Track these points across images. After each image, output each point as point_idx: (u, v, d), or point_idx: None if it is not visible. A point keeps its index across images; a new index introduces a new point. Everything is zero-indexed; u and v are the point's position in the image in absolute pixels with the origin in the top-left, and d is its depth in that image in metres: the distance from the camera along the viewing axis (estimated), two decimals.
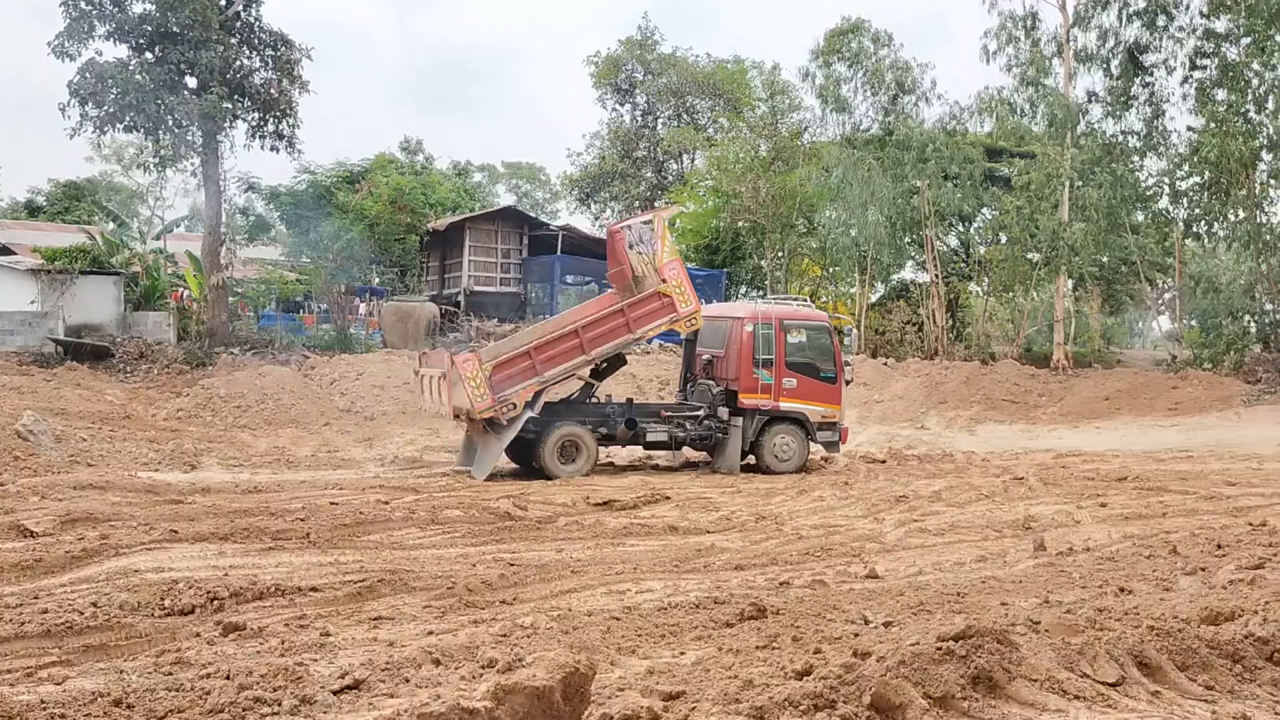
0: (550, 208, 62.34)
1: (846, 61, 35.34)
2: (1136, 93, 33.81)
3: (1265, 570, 8.71)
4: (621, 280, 16.91)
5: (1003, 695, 4.53)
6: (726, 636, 6.70)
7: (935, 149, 33.74)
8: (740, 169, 38.99)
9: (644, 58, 47.28)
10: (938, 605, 7.67)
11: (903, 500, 13.51)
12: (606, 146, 47.81)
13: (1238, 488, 14.25)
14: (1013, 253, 35.65)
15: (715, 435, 16.89)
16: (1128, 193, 33.56)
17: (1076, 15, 33.45)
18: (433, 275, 36.18)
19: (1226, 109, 31.87)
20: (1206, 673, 5.12)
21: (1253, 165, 31.89)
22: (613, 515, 12.35)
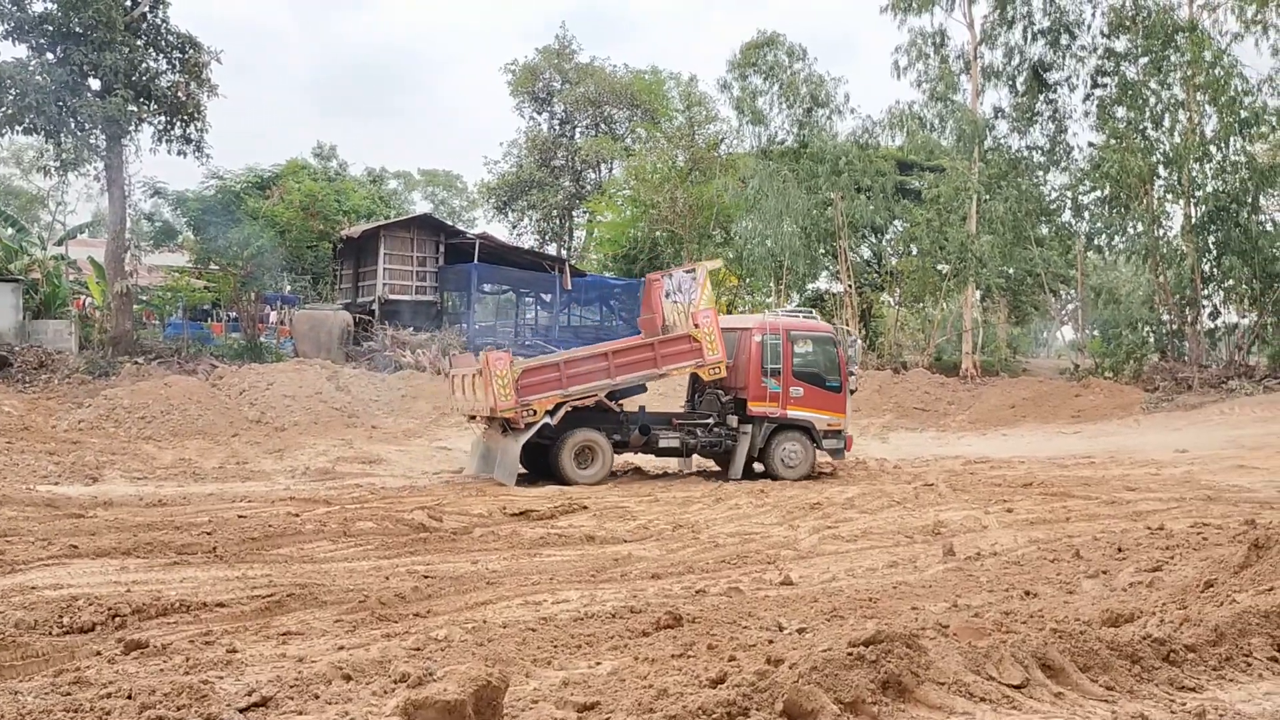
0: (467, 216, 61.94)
1: (762, 74, 35.77)
2: (1041, 109, 34.90)
3: (1163, 572, 9.02)
4: (650, 327, 18.04)
5: (911, 699, 4.60)
6: (643, 646, 6.69)
7: (848, 162, 34.33)
8: (658, 179, 39.21)
9: (561, 67, 47.27)
10: (850, 611, 7.77)
11: (817, 507, 13.68)
12: (524, 155, 47.65)
13: (1137, 492, 14.72)
14: (923, 264, 36.42)
15: (725, 443, 17.29)
16: (1032, 206, 34.61)
17: (984, 33, 34.40)
18: (346, 283, 35.61)
19: (1126, 126, 33.07)
20: (1107, 673, 5.26)
21: (1151, 180, 33.14)
22: (529, 525, 12.27)
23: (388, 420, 23.77)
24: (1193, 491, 14.66)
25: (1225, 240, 32.69)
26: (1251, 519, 11.62)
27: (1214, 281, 34.16)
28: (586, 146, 45.71)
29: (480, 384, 15.96)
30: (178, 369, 26.00)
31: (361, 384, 25.80)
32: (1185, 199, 33.38)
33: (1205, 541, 10.40)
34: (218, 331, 34.08)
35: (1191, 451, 19.71)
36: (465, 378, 16.93)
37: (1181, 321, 33.73)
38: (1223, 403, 28.10)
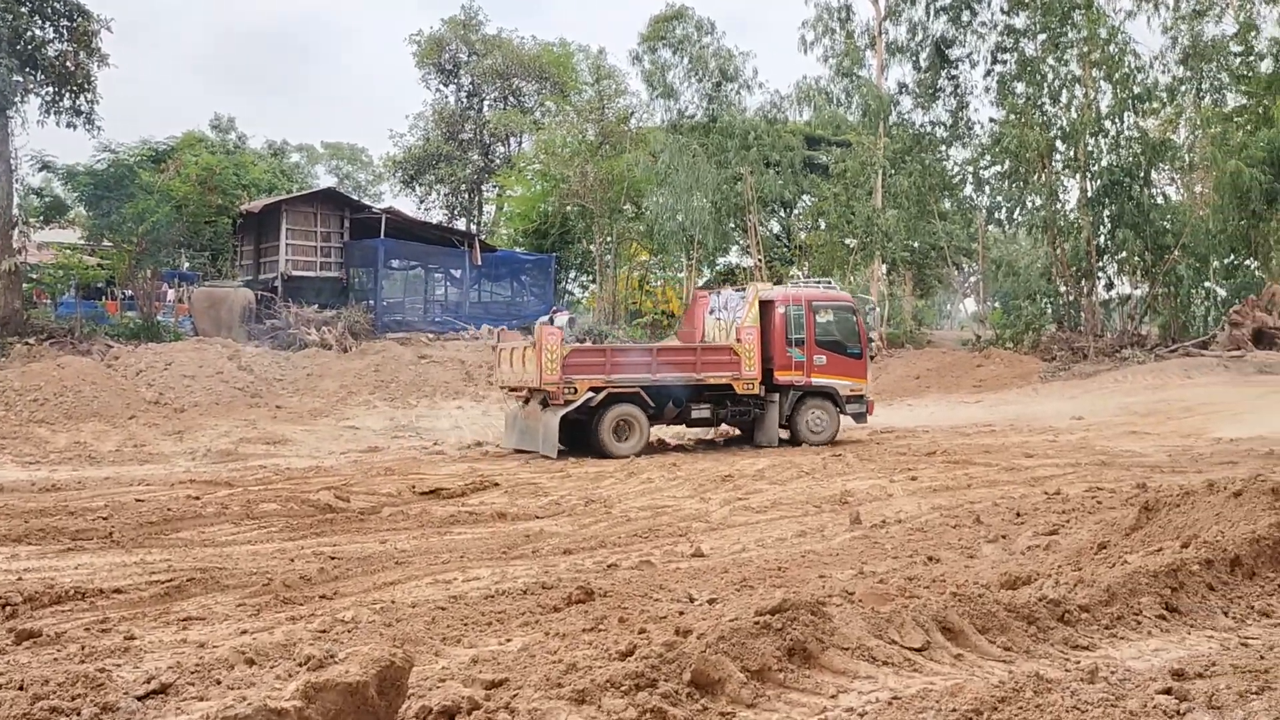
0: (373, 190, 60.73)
1: (671, 48, 35.75)
2: (943, 85, 35.57)
3: (1059, 536, 9.31)
4: (689, 339, 19.33)
5: (816, 665, 4.67)
6: (554, 621, 6.69)
7: (757, 137, 34.56)
8: (568, 153, 38.97)
9: (468, 38, 46.52)
10: (760, 580, 7.87)
11: (728, 479, 13.81)
12: (431, 128, 46.85)
13: (1035, 459, 15.17)
14: (831, 238, 36.95)
15: (753, 412, 17.93)
16: (935, 181, 35.32)
17: (888, 9, 34.88)
18: (247, 260, 34.65)
19: (1025, 102, 33.90)
20: (1005, 634, 5.41)
21: (1049, 155, 34.05)
22: (440, 504, 12.15)
23: (293, 400, 23.28)
24: (1088, 457, 15.17)
25: (1119, 213, 33.78)
26: (1142, 483, 12.08)
27: (1108, 254, 35.30)
28: (495, 120, 45.15)
29: (531, 357, 16.64)
30: (71, 349, 25.03)
31: (265, 363, 25.21)
32: (1081, 173, 34.38)
33: (1099, 505, 10.77)
34: (112, 310, 32.88)
35: (1087, 418, 20.40)
36: (515, 351, 17.67)
37: (1078, 293, 34.80)
38: (1116, 371, 29.13)
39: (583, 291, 45.43)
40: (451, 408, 23.04)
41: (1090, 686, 4.42)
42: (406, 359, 26.36)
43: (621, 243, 40.01)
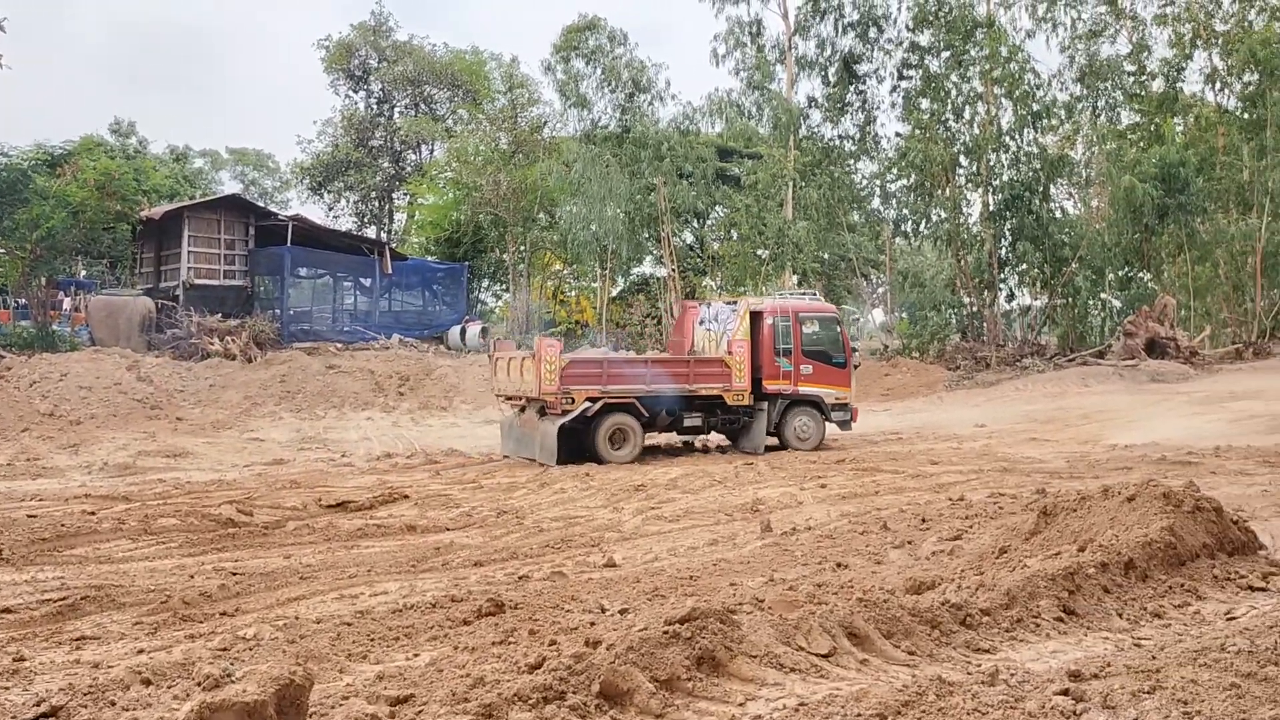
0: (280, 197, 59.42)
1: (584, 58, 35.74)
2: (851, 99, 36.22)
3: (963, 541, 9.52)
4: (678, 349, 19.81)
5: (725, 673, 4.69)
6: (463, 635, 6.61)
7: (670, 147, 34.75)
8: (480, 161, 38.69)
9: (378, 44, 45.91)
10: (672, 589, 7.88)
11: (641, 489, 13.82)
12: (340, 134, 46.07)
13: (940, 466, 15.49)
14: (743, 249, 37.28)
15: (742, 419, 18.33)
16: (844, 193, 35.97)
17: (797, 24, 35.41)
18: (147, 267, 33.60)
19: (929, 117, 34.73)
20: (909, 638, 5.51)
21: (952, 169, 34.94)
22: (347, 517, 11.92)
23: (194, 411, 22.64)
24: (990, 463, 15.54)
25: (1019, 227, 34.80)
26: (1042, 488, 12.42)
27: (1009, 266, 36.33)
28: (406, 127, 44.61)
29: (531, 367, 16.96)
30: None
31: (165, 374, 24.48)
32: (984, 187, 35.33)
33: (1001, 510, 11.04)
34: (4, 319, 31.63)
35: (989, 426, 20.92)
36: (513, 361, 18.02)
37: (981, 304, 35.73)
38: (1017, 379, 29.96)
39: (496, 301, 45.12)
40: (361, 419, 22.67)
41: (990, 689, 4.51)
42: (314, 369, 25.86)
43: (535, 252, 39.86)
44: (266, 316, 30.34)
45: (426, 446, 19.26)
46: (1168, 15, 37.61)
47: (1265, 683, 4.62)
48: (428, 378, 26.47)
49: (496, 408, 21.18)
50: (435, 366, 27.40)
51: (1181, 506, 7.92)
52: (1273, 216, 34.55)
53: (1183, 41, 37.01)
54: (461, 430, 21.94)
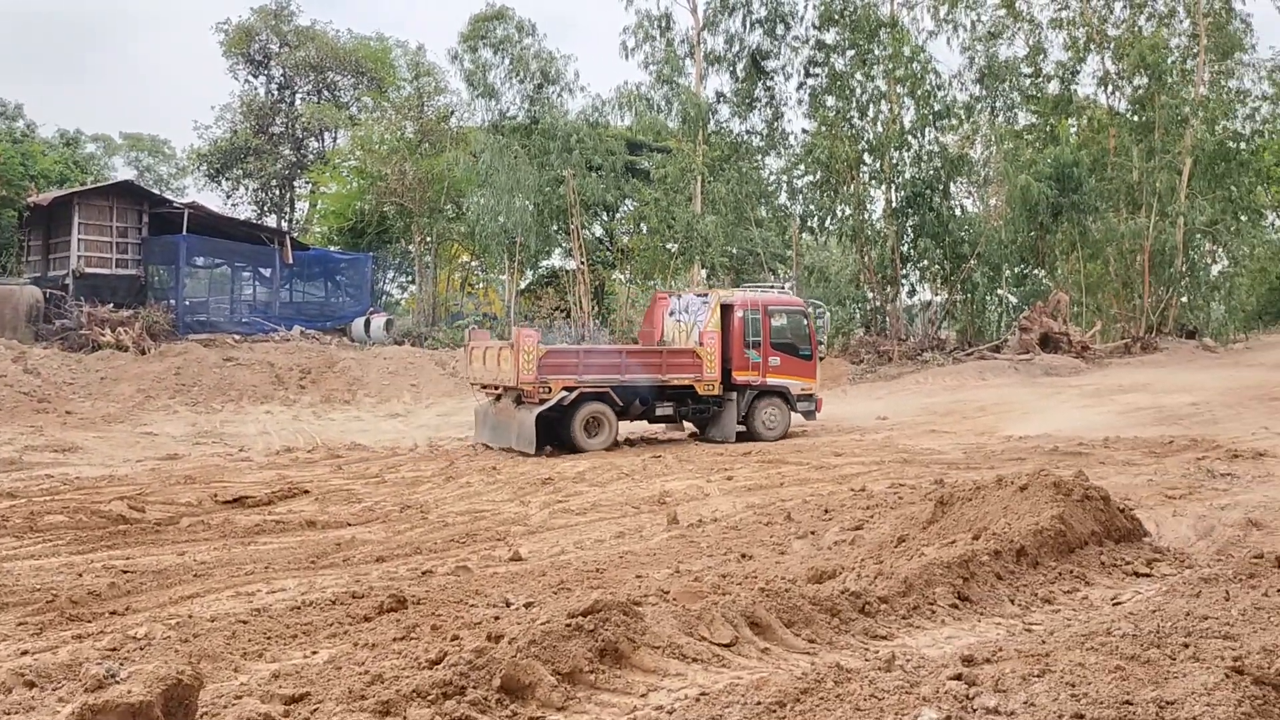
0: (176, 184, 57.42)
1: (492, 48, 35.36)
2: (759, 95, 36.57)
3: (864, 530, 9.70)
4: (648, 339, 20.37)
5: (628, 664, 4.69)
6: (364, 631, 6.50)
7: (579, 140, 34.62)
8: (385, 150, 38.04)
9: (279, 29, 44.76)
10: (578, 582, 7.86)
11: (548, 482, 13.76)
12: (239, 120, 44.81)
13: (843, 457, 15.76)
14: (652, 242, 37.39)
15: (712, 409, 18.82)
16: (752, 188, 36.30)
17: (706, 19, 35.59)
18: (35, 255, 32.25)
19: (835, 115, 35.28)
20: (809, 627, 5.58)
21: (857, 166, 35.57)
22: (244, 513, 11.62)
23: (85, 405, 21.82)
24: (891, 455, 15.87)
25: (921, 224, 35.61)
26: (940, 479, 12.73)
27: (911, 262, 37.15)
28: (308, 113, 43.59)
29: (509, 357, 17.24)
30: None
31: (54, 365, 23.54)
32: (887, 185, 36.04)
33: (901, 501, 11.27)
34: None
35: (891, 418, 21.36)
36: (490, 350, 18.39)
37: (884, 298, 36.46)
38: (918, 373, 30.66)
39: (401, 293, 44.44)
40: (260, 413, 22.11)
41: (887, 675, 4.59)
42: (211, 361, 25.15)
43: (442, 243, 39.36)
44: (161, 307, 29.42)
45: (328, 441, 18.88)
46: (1063, 19, 38.89)
47: (1148, 665, 4.79)
48: (330, 370, 25.96)
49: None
50: (338, 359, 26.88)
51: (1071, 495, 8.18)
52: (1160, 216, 35.96)
53: (1077, 45, 38.28)
54: (365, 424, 21.57)
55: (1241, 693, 4.24)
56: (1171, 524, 10.00)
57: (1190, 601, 6.32)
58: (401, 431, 20.34)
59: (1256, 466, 13.55)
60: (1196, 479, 12.63)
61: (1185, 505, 10.99)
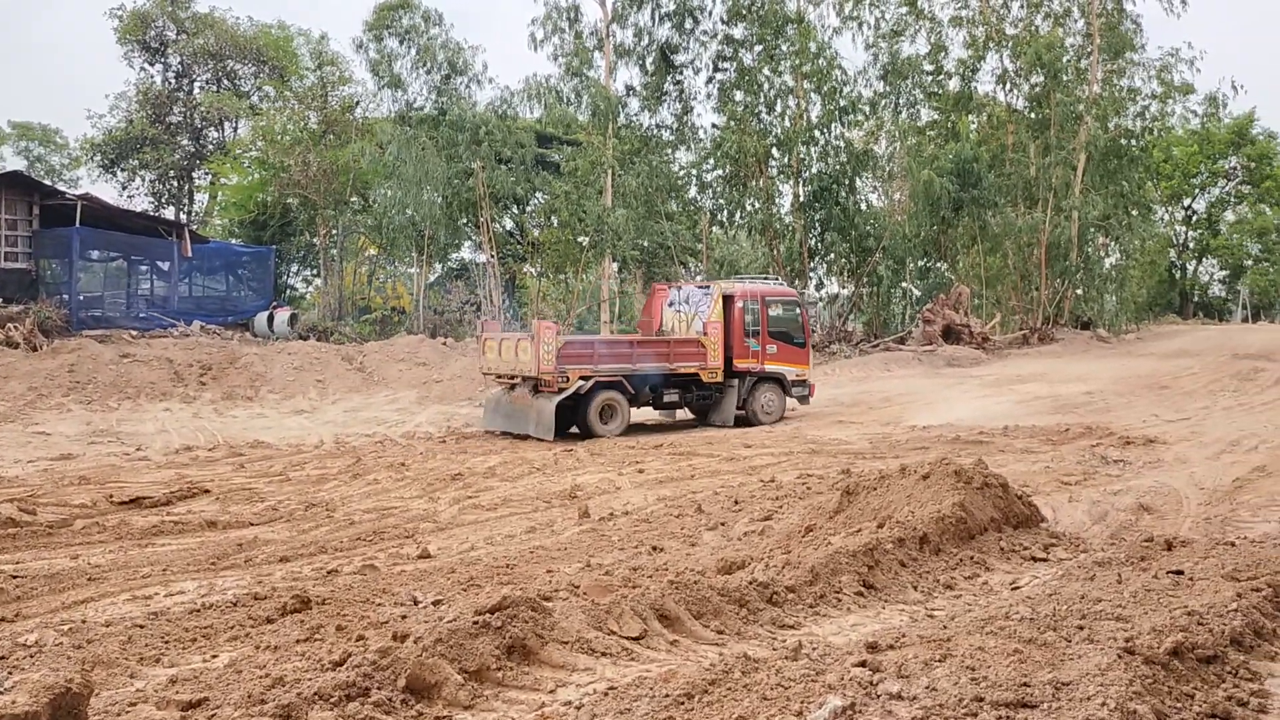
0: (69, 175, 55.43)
1: (398, 38, 34.80)
2: (669, 89, 36.67)
3: (773, 521, 9.81)
4: (647, 329, 21.37)
5: (536, 660, 4.66)
6: (266, 633, 6.35)
7: (488, 132, 34.29)
8: (288, 140, 37.18)
9: (176, 15, 43.40)
10: (487, 579, 7.79)
11: (458, 478, 13.61)
12: (135, 109, 43.34)
13: (753, 449, 15.91)
14: (564, 235, 37.25)
15: (714, 395, 19.86)
16: (662, 182, 36.41)
17: (615, 12, 35.53)
18: None
19: (744, 109, 35.56)
20: (718, 618, 5.62)
21: (765, 161, 35.93)
22: (141, 514, 11.24)
23: None
24: (800, 446, 16.08)
25: (828, 218, 36.15)
26: (847, 469, 12.95)
27: (819, 255, 37.70)
28: (207, 102, 42.34)
29: (527, 348, 17.98)
30: None
31: None
32: (794, 179, 36.50)
33: (809, 491, 11.43)
34: None
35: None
36: (507, 342, 19.13)
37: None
38: (826, 365, 31.11)
39: (306, 286, 43.51)
40: (158, 410, 21.43)
41: (794, 663, 4.64)
42: (106, 358, 24.28)
43: (348, 236, 38.63)
44: (54, 302, 28.34)
45: (230, 439, 18.38)
46: (963, 18, 39.83)
47: (1044, 647, 4.93)
48: (232, 366, 25.27)
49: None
50: (240, 354, 26.19)
51: (972, 483, 8.40)
52: (1056, 211, 37.09)
53: (976, 43, 39.23)
54: (269, 421, 21.06)
55: (1133, 672, 4.39)
56: (1067, 509, 10.34)
57: (1085, 585, 6.53)
58: (307, 428, 19.92)
59: (1147, 453, 14.09)
60: (1091, 466, 13.08)
61: (1080, 491, 11.37)
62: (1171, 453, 14.06)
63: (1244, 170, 57.44)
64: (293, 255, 40.88)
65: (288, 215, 38.61)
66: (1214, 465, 12.96)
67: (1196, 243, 59.32)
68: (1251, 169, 56.90)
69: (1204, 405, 19.25)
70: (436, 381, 26.73)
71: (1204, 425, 16.67)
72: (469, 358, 29.45)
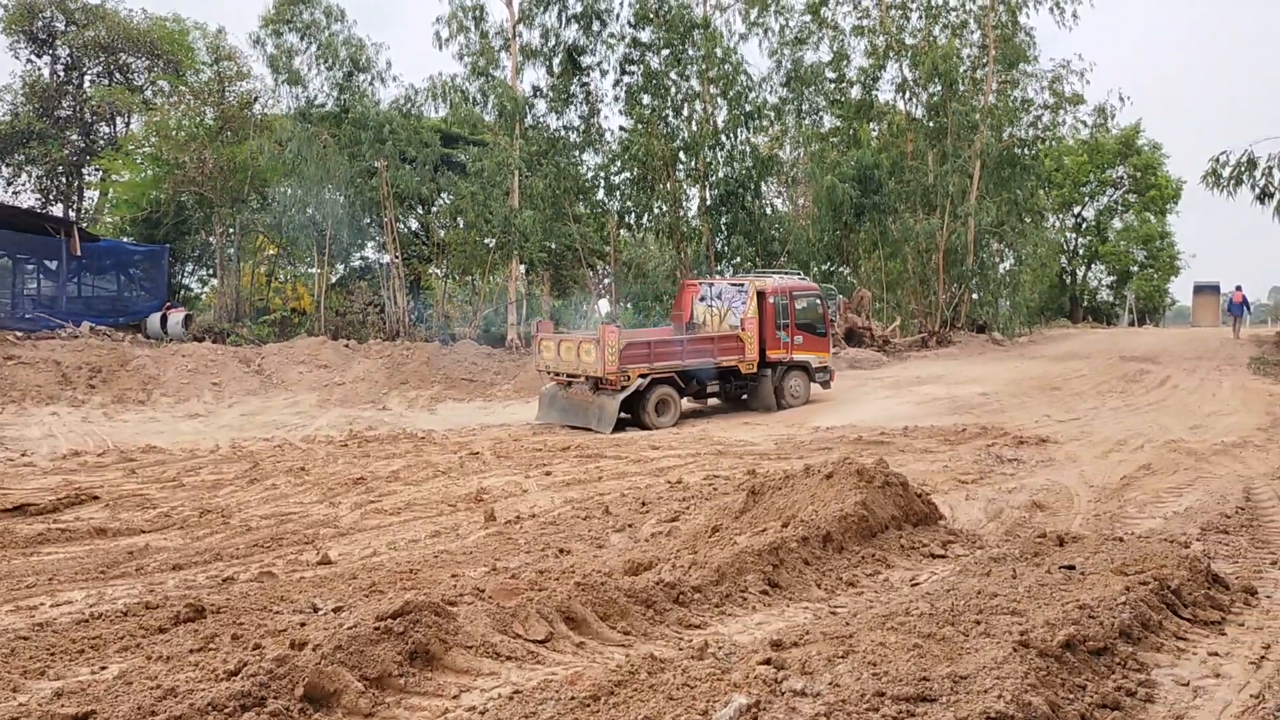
0: None
1: (298, 33, 34.00)
2: (576, 91, 36.57)
3: (679, 522, 9.85)
4: (678, 322, 23.19)
5: (440, 666, 4.59)
6: (158, 643, 6.14)
7: (392, 130, 33.77)
8: (184, 137, 36.06)
9: (66, 6, 41.78)
10: (390, 584, 7.66)
11: (360, 482, 13.37)
12: (21, 102, 41.58)
13: (660, 450, 15.98)
14: (470, 237, 36.86)
15: (750, 385, 21.78)
16: (570, 184, 36.30)
17: (522, 12, 35.30)
18: None
19: (651, 113, 35.67)
20: (625, 619, 5.61)
21: (673, 164, 36.09)
22: (25, 521, 10.79)
23: None
24: (707, 447, 16.20)
25: (734, 222, 36.48)
26: (753, 470, 13.08)
27: (725, 258, 38.01)
28: (98, 96, 40.82)
29: (594, 350, 19.66)
30: None
31: None
32: (701, 183, 36.75)
33: (715, 491, 11.52)
34: None
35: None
36: (567, 343, 20.77)
37: None
38: None
39: (202, 287, 42.26)
40: (45, 414, 20.60)
41: (700, 663, 4.66)
42: None
43: (246, 235, 37.61)
44: None
45: (121, 443, 17.76)
46: (864, 27, 40.59)
47: (943, 642, 5.03)
48: (123, 369, 24.41)
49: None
50: (132, 356, 25.31)
51: (873, 483, 8.55)
52: (952, 217, 38.04)
53: (877, 52, 40.01)
54: (162, 425, 20.41)
55: (1028, 665, 4.51)
56: (965, 507, 10.61)
57: (981, 580, 6.70)
58: (202, 432, 19.38)
59: (1040, 452, 14.54)
60: (986, 464, 13.45)
61: (977, 489, 11.68)
62: (1063, 452, 14.53)
63: (1130, 179, 59.67)
64: (188, 254, 39.68)
65: (183, 213, 37.44)
66: (1103, 464, 13.44)
67: (1086, 249, 61.43)
68: (1137, 178, 59.14)
69: (1093, 406, 19.95)
70: (338, 384, 26.24)
71: (1093, 425, 17.28)
72: (372, 360, 28.98)
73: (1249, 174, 23.06)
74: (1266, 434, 15.67)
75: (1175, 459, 13.58)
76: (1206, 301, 55.07)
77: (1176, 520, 9.77)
